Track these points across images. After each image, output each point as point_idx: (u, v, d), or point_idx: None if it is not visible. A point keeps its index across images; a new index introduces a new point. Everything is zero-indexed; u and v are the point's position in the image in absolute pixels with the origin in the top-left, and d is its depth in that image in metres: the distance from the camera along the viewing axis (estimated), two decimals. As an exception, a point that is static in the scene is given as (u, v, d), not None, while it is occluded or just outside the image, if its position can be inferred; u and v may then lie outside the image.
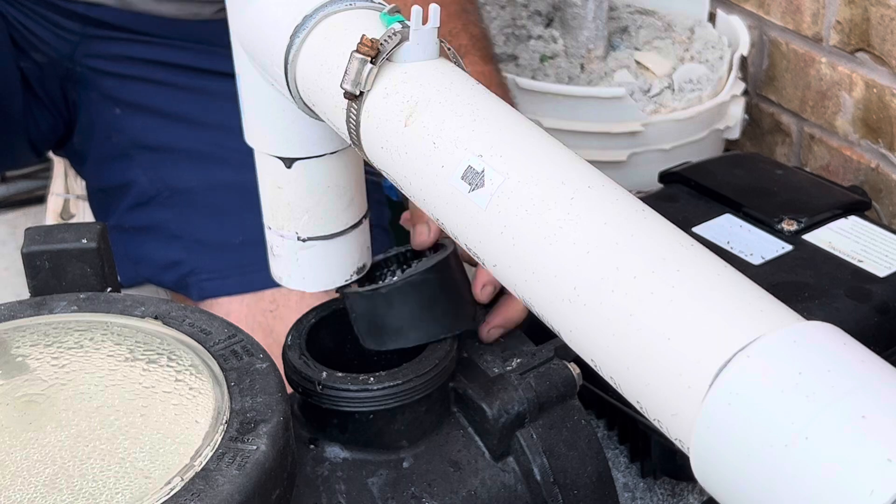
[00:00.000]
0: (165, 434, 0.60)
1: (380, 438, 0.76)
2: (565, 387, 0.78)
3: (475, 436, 0.77)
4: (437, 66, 0.63)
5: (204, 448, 0.60)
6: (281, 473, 0.61)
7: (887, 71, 1.21)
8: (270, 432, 0.61)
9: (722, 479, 0.45)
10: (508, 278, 0.56)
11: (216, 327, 0.69)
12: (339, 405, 0.74)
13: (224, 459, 0.59)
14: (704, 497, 0.92)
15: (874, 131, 1.25)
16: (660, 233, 0.51)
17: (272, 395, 0.64)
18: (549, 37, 1.34)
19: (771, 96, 1.39)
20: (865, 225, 0.96)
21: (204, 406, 0.63)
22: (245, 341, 0.68)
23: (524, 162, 0.56)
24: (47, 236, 0.74)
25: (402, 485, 0.75)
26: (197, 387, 0.64)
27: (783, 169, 1.06)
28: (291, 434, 0.64)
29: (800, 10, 1.30)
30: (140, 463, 0.59)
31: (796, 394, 0.42)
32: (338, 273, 0.84)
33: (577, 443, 0.78)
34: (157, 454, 0.59)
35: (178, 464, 0.58)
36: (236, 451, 0.60)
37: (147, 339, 0.68)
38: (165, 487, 0.57)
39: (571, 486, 0.77)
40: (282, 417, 0.62)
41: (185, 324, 0.70)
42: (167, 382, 0.65)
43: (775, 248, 0.94)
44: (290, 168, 0.79)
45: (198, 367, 0.66)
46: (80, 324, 0.69)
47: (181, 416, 0.62)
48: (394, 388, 0.74)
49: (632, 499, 0.91)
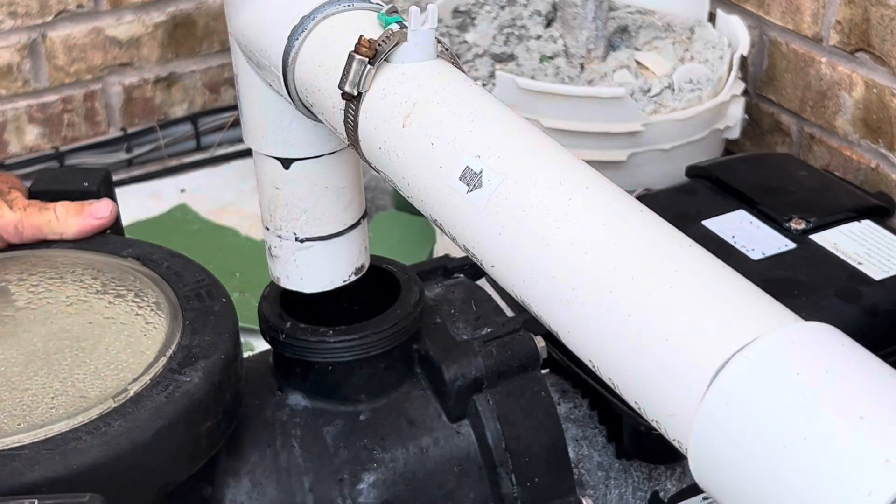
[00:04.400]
0: (112, 361, 0.66)
1: (339, 390, 0.79)
2: (527, 358, 0.80)
3: (433, 396, 0.80)
4: (435, 67, 0.63)
5: (143, 376, 0.65)
6: (214, 407, 0.66)
7: (887, 71, 1.21)
8: (208, 367, 0.66)
9: (720, 480, 0.45)
10: (506, 279, 0.56)
11: (190, 272, 0.75)
12: (299, 354, 0.78)
13: (157, 388, 0.64)
14: (683, 484, 0.91)
15: (874, 131, 1.25)
16: (658, 233, 0.51)
17: (220, 335, 0.69)
18: (548, 37, 1.34)
19: (771, 96, 1.39)
20: (877, 230, 0.96)
21: (155, 339, 0.68)
22: (211, 286, 0.74)
23: (522, 162, 0.56)
24: (54, 179, 0.81)
25: (356, 435, 0.78)
26: (154, 322, 0.69)
27: (809, 171, 1.05)
28: (236, 373, 0.69)
29: (800, 10, 1.30)
30: (81, 384, 0.64)
31: (794, 394, 0.42)
32: (336, 273, 0.84)
33: (533, 413, 0.80)
34: (99, 378, 0.64)
35: (115, 388, 0.64)
36: (171, 381, 0.65)
37: (122, 276, 0.73)
38: (97, 407, 0.62)
39: (523, 453, 0.78)
40: (223, 356, 0.67)
41: (162, 266, 0.76)
42: (127, 316, 0.70)
43: (778, 245, 0.94)
44: (289, 169, 0.79)
45: (160, 305, 0.71)
46: (68, 258, 0.75)
47: (131, 347, 0.67)
48: (349, 342, 0.78)
49: (605, 478, 0.91)
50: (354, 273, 0.85)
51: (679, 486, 0.91)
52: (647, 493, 0.91)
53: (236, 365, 0.70)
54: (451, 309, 0.84)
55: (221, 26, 1.60)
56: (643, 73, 1.31)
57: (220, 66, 1.63)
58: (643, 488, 0.91)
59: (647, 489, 0.91)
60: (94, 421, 0.61)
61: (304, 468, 0.76)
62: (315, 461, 0.77)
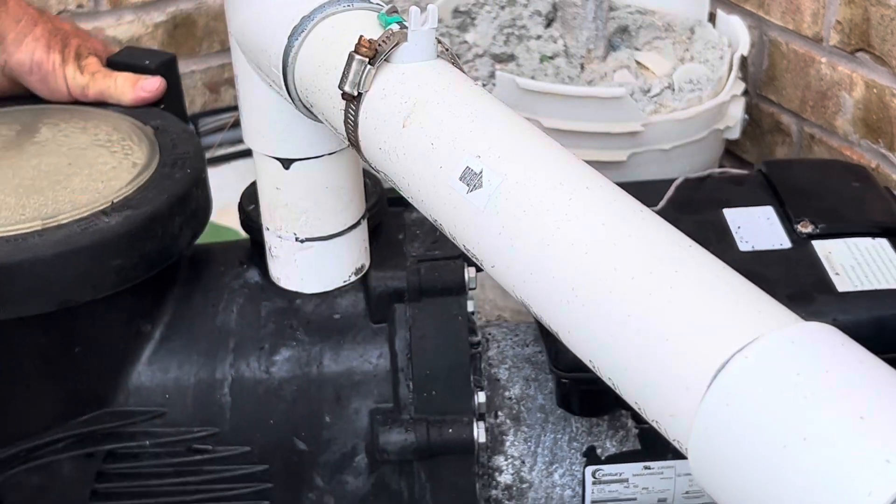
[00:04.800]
0: (67, 198, 0.82)
1: None
2: (453, 283, 0.87)
3: (364, 297, 0.88)
4: (436, 67, 0.63)
5: (76, 211, 0.80)
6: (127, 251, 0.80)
7: (887, 71, 1.21)
8: (131, 217, 0.80)
9: (720, 480, 0.45)
10: (507, 279, 0.56)
11: (184, 145, 0.89)
12: (257, 236, 0.88)
13: (80, 222, 0.79)
14: (623, 447, 0.92)
15: (874, 131, 1.25)
16: (658, 233, 0.51)
17: (162, 199, 0.82)
18: (548, 37, 1.34)
19: (771, 96, 1.39)
20: (885, 250, 0.91)
21: (110, 189, 0.83)
22: (193, 166, 0.86)
23: (522, 162, 0.56)
24: (127, 54, 0.99)
25: (287, 315, 0.88)
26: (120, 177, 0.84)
27: (865, 184, 1.02)
28: (166, 232, 0.82)
29: (800, 10, 1.30)
30: (31, 207, 0.81)
31: (794, 394, 0.42)
32: (336, 274, 0.84)
33: (443, 331, 0.87)
34: (46, 206, 0.81)
35: (49, 215, 0.80)
36: (94, 219, 0.80)
37: (128, 137, 0.89)
38: (29, 223, 0.79)
39: (425, 365, 0.87)
40: (151, 213, 0.81)
41: (169, 136, 0.90)
42: (105, 166, 0.86)
43: (773, 243, 0.93)
44: (289, 169, 0.79)
45: (136, 165, 0.86)
46: (103, 117, 0.92)
47: (87, 191, 0.83)
48: None
49: (544, 420, 0.93)
50: (354, 273, 0.85)
51: (619, 449, 0.92)
52: (583, 446, 0.93)
53: (168, 226, 0.82)
54: (417, 230, 0.92)
55: (221, 26, 1.60)
56: (643, 73, 1.31)
57: (220, 66, 1.63)
58: (580, 440, 0.93)
59: (585, 442, 0.93)
60: (22, 234, 0.78)
61: (233, 331, 0.88)
62: (245, 327, 0.88)
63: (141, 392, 0.87)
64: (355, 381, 0.88)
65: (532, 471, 0.93)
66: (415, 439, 0.86)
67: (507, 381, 0.94)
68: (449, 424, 0.86)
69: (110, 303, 0.82)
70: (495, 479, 0.93)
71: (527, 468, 0.93)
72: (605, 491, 0.93)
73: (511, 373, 0.94)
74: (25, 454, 0.84)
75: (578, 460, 0.93)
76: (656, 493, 0.94)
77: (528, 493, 0.94)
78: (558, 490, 0.94)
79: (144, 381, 0.87)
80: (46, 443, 0.84)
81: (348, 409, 0.88)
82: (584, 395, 0.89)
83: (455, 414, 0.87)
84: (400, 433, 0.86)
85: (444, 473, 0.88)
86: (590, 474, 0.92)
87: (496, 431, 0.92)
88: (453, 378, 0.87)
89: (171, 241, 0.84)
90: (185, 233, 0.85)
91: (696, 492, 0.94)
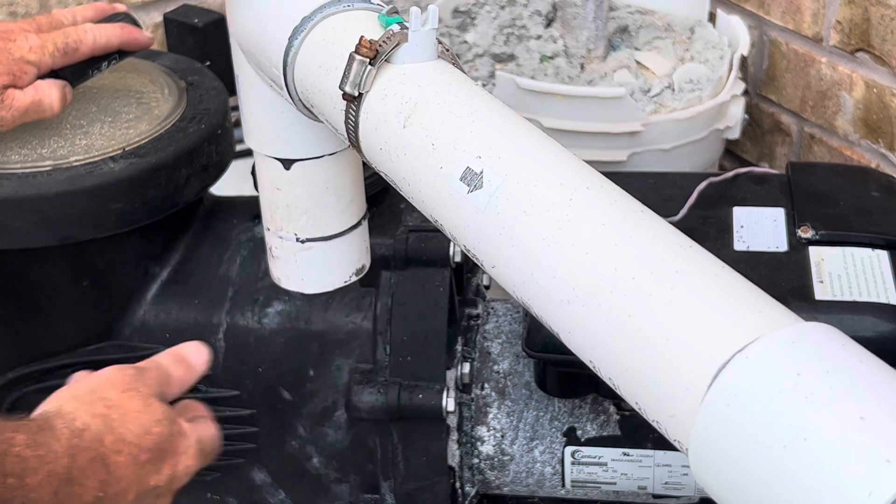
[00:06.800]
0: (94, 141, 0.88)
1: None
2: (437, 255, 0.91)
3: None
4: (436, 68, 0.63)
5: (90, 156, 0.86)
6: (128, 195, 0.85)
7: (887, 71, 1.21)
8: (135, 164, 0.86)
9: (720, 480, 0.45)
10: (507, 279, 0.56)
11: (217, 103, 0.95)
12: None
13: (87, 166, 0.85)
14: (604, 432, 0.93)
15: (874, 131, 1.25)
16: (658, 234, 0.51)
17: (171, 153, 0.88)
18: (548, 37, 1.34)
19: (771, 96, 1.39)
20: (881, 262, 0.90)
21: (134, 132, 0.89)
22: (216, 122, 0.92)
23: (523, 163, 0.56)
24: (183, 12, 1.18)
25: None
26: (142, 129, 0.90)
27: (886, 194, 1.00)
28: (171, 182, 0.87)
29: (800, 10, 1.30)
30: (65, 145, 0.87)
31: (795, 395, 0.42)
32: (337, 274, 0.84)
33: (424, 301, 0.91)
34: (73, 147, 0.87)
35: (63, 157, 0.86)
36: (101, 164, 0.86)
37: (165, 89, 0.95)
38: (47, 161, 0.85)
39: (402, 331, 0.91)
40: (154, 164, 0.86)
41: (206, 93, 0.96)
42: (143, 109, 0.93)
43: (769, 245, 0.92)
44: (289, 170, 0.79)
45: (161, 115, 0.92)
46: (141, 66, 0.98)
47: (115, 137, 0.89)
48: None
49: (527, 397, 0.95)
50: (355, 273, 0.85)
51: (599, 433, 0.94)
52: (564, 426, 0.94)
53: (173, 176, 0.87)
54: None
55: (221, 26, 1.60)
56: (643, 73, 1.31)
57: (221, 66, 1.63)
58: (561, 420, 0.95)
59: (566, 423, 0.94)
60: (32, 172, 0.84)
61: (234, 281, 0.94)
62: (245, 278, 0.94)
63: (144, 329, 0.93)
64: (338, 339, 0.92)
65: (513, 444, 0.96)
66: (385, 401, 0.89)
67: (497, 356, 0.96)
68: (421, 390, 0.90)
69: (119, 242, 0.88)
70: (477, 448, 0.96)
71: (508, 441, 0.96)
72: (585, 472, 0.96)
73: (503, 348, 0.97)
74: (38, 375, 0.90)
75: (559, 439, 0.95)
76: (636, 481, 0.95)
77: (510, 465, 0.96)
78: (539, 466, 0.96)
79: (149, 318, 0.93)
80: (57, 366, 0.90)
81: (331, 365, 0.92)
82: (557, 376, 0.91)
83: (427, 381, 0.90)
84: (372, 393, 0.90)
85: (415, 437, 0.92)
86: (569, 454, 0.95)
87: (480, 403, 0.95)
88: (428, 346, 0.90)
89: (176, 191, 0.89)
90: (192, 184, 0.90)
91: (676, 483, 0.94)
